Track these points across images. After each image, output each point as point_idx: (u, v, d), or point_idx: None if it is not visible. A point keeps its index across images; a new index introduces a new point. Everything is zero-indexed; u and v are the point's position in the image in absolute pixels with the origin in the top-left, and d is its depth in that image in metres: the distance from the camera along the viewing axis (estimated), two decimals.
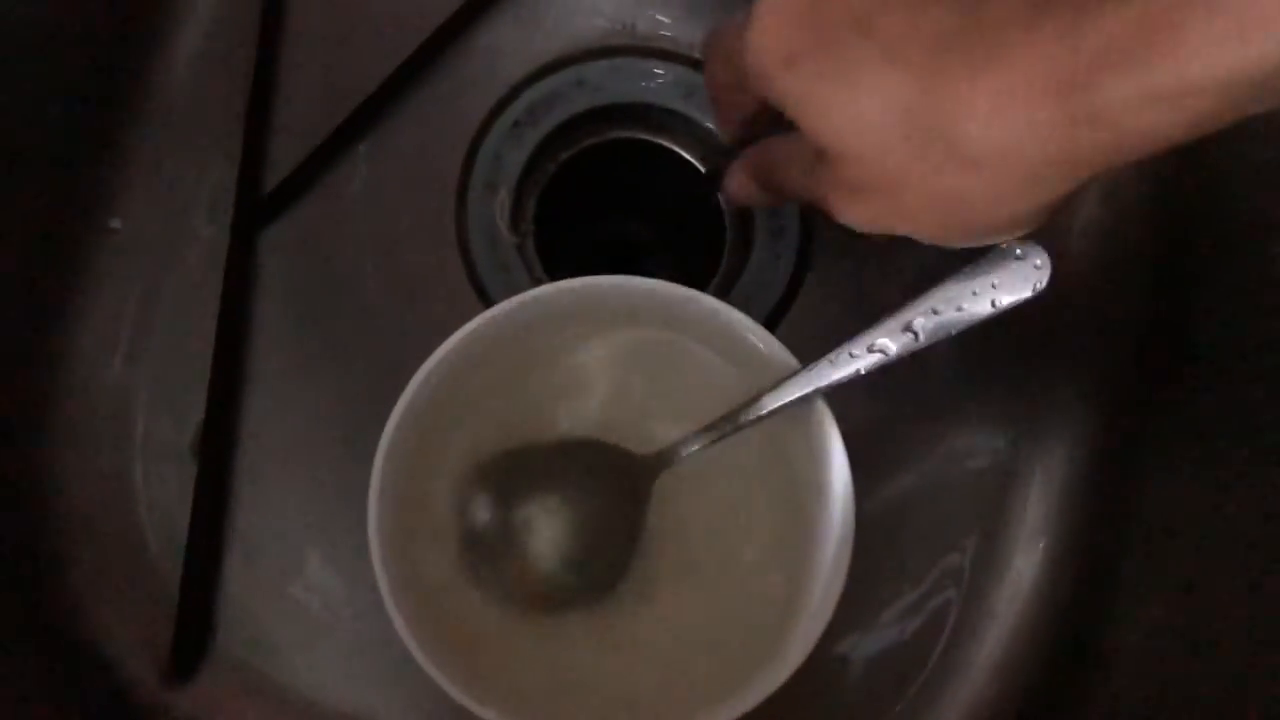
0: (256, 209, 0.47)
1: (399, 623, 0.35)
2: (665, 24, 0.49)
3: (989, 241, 0.31)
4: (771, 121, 0.35)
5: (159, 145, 0.47)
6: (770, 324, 0.47)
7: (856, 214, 0.32)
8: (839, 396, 0.36)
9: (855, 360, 0.35)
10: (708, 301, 0.38)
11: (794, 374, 0.36)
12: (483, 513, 0.40)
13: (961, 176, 0.28)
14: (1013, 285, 0.33)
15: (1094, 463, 0.44)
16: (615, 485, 0.39)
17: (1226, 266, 0.41)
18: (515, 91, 0.49)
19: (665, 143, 0.50)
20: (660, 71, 0.49)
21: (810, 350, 0.36)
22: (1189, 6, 0.23)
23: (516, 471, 0.40)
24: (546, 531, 0.39)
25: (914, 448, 0.45)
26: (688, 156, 0.50)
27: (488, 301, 0.47)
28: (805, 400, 0.36)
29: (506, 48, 0.49)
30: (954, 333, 0.34)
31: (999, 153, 0.27)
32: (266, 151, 0.47)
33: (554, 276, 0.48)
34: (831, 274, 0.47)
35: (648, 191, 0.52)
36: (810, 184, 0.33)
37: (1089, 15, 0.25)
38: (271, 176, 0.47)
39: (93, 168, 0.46)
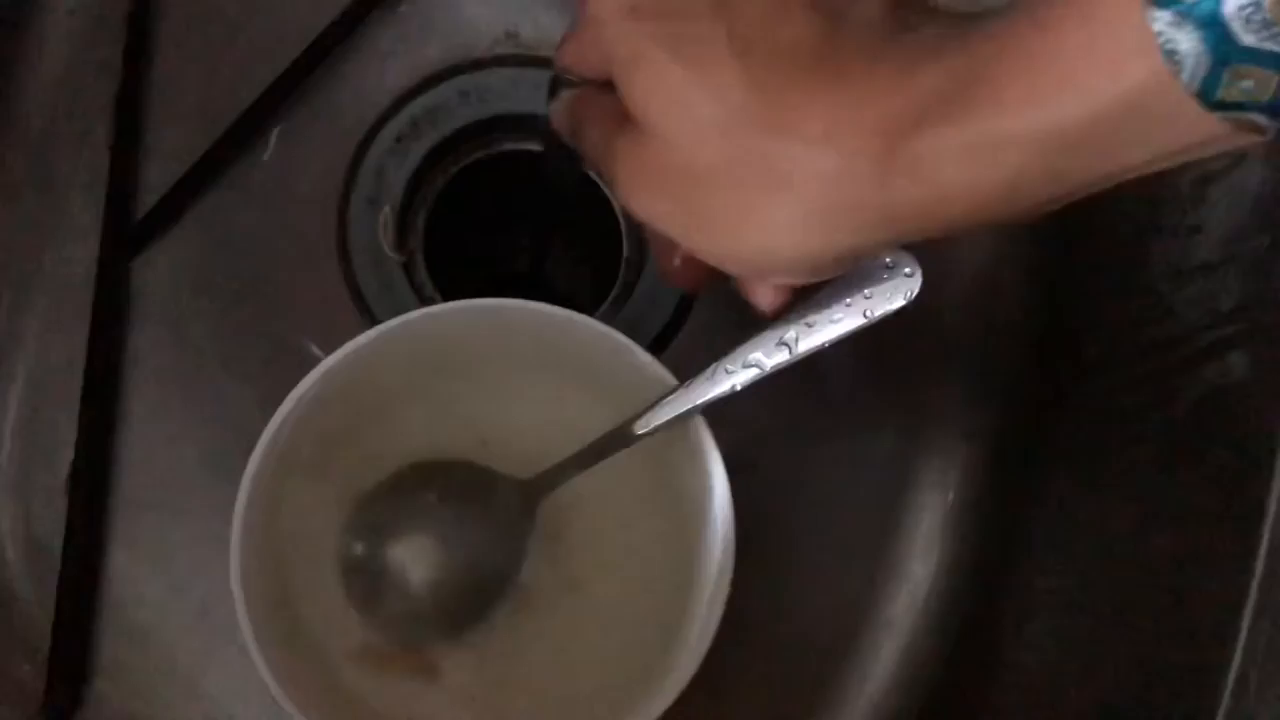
0: (128, 236, 0.45)
1: (260, 662, 0.34)
2: (551, 31, 0.48)
3: (766, 279, 0.30)
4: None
5: (20, 172, 0.45)
6: (666, 336, 0.46)
7: (641, 201, 0.29)
8: (731, 406, 0.35)
9: (731, 376, 0.35)
10: (587, 322, 0.37)
11: (670, 392, 0.36)
12: (362, 542, 0.39)
13: (769, 194, 0.27)
14: (885, 295, 0.33)
15: (986, 471, 0.44)
16: (497, 511, 0.39)
17: (1109, 273, 0.41)
18: (397, 105, 0.48)
19: None
20: (547, 81, 0.48)
21: (704, 363, 0.36)
22: (1009, 61, 0.23)
23: (396, 499, 0.39)
24: (428, 561, 0.39)
25: (810, 458, 0.45)
26: (581, 167, 0.49)
27: (372, 322, 0.45)
28: (684, 418, 0.36)
29: (386, 61, 0.48)
30: (828, 344, 0.34)
31: (816, 180, 0.26)
32: (138, 176, 0.46)
33: (445, 293, 0.47)
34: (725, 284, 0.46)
35: (541, 204, 0.51)
36: (606, 151, 0.30)
37: (922, 61, 0.25)
38: (144, 202, 0.46)
39: None
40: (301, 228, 0.46)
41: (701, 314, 0.46)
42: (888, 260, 0.33)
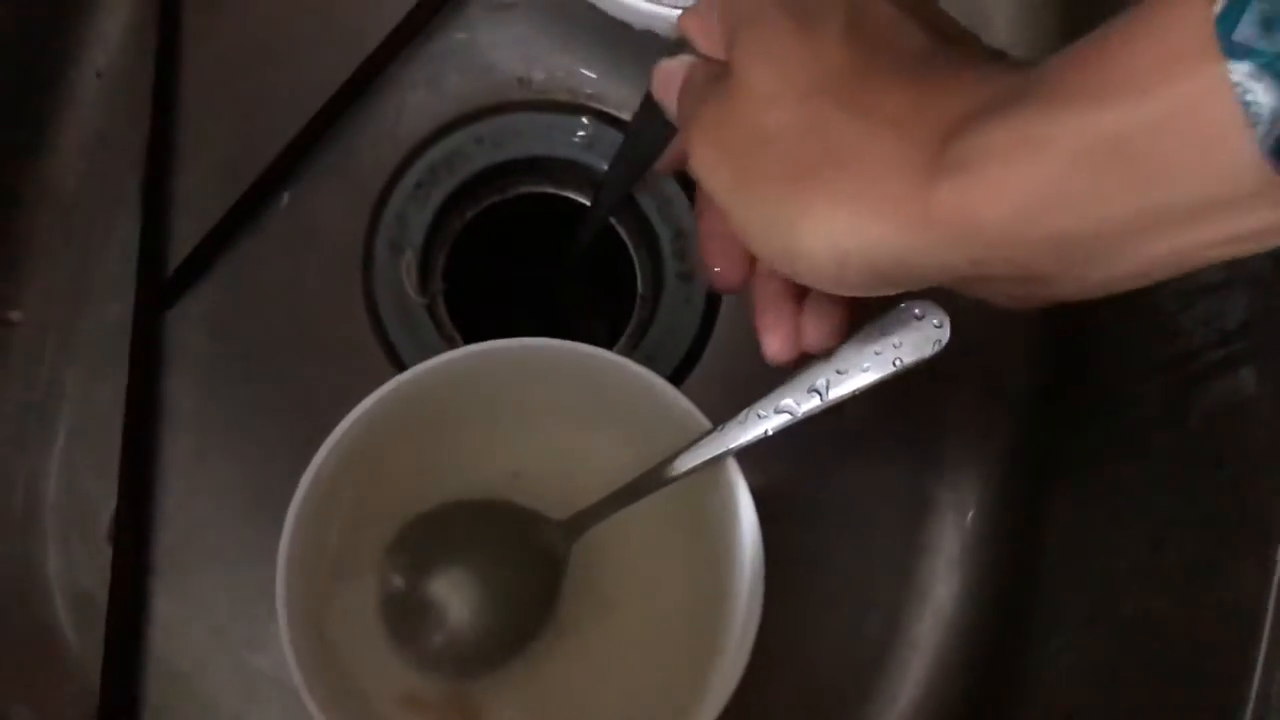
0: (161, 288, 0.46)
1: (312, 708, 0.35)
2: (561, 77, 0.50)
3: (792, 274, 0.29)
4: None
5: (55, 232, 0.46)
6: (683, 369, 0.47)
7: (703, 154, 0.30)
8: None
9: (763, 421, 0.36)
10: (618, 360, 0.38)
11: (704, 435, 0.37)
12: (400, 580, 0.40)
13: (823, 169, 0.27)
14: (915, 345, 0.34)
15: (1003, 492, 0.45)
16: (532, 551, 0.40)
17: (1116, 294, 0.42)
18: (416, 152, 0.49)
19: (570, 195, 0.51)
20: (560, 124, 0.50)
21: (721, 399, 0.37)
22: (1065, 69, 0.24)
23: (433, 538, 0.40)
24: (464, 599, 0.40)
25: (830, 485, 0.46)
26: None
27: (399, 365, 0.47)
28: (716, 460, 0.37)
29: (404, 110, 0.49)
30: (858, 392, 0.35)
31: (872, 162, 0.27)
32: (168, 229, 0.47)
33: (467, 334, 0.48)
34: (742, 313, 0.47)
35: (557, 245, 0.52)
36: (695, 103, 0.31)
37: (997, 75, 0.26)
38: (175, 254, 0.47)
39: None
40: (327, 274, 0.47)
41: (715, 352, 0.47)
42: (916, 311, 0.34)
